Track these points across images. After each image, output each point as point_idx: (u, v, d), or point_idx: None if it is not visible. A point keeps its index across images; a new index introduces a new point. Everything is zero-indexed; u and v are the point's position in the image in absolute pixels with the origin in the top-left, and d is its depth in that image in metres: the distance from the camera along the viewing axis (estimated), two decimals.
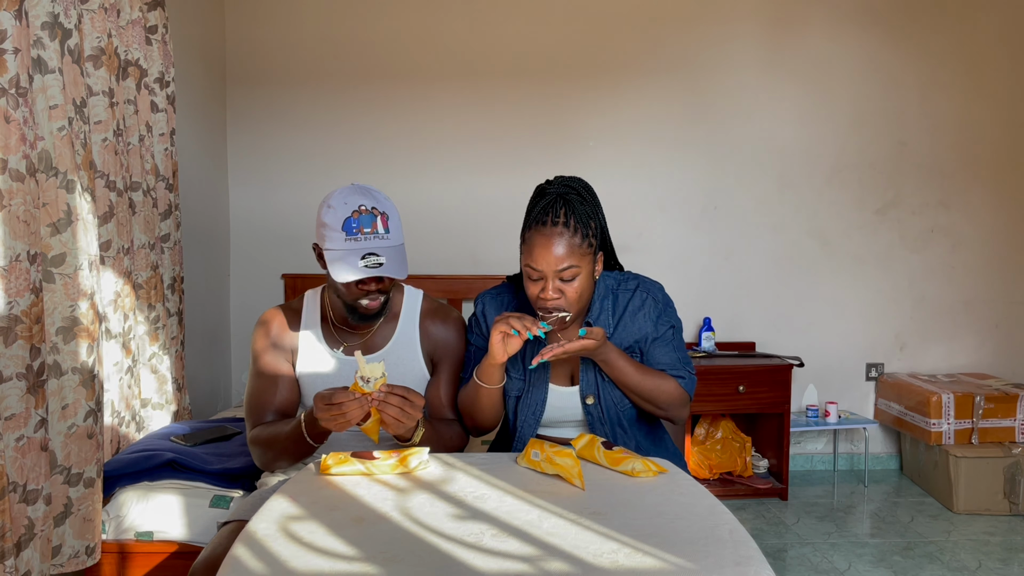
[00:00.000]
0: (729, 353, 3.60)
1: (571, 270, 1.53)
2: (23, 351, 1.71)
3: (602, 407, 1.68)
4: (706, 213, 3.77)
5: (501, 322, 1.50)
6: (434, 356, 1.79)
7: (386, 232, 1.59)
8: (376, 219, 1.59)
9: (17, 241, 1.68)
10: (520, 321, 1.48)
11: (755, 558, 1.06)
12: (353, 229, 1.57)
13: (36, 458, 1.76)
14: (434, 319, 1.79)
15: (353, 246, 1.57)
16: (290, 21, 3.63)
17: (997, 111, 3.79)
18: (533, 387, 1.70)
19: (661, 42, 3.70)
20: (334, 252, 1.58)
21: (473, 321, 1.80)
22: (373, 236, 1.57)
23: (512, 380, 1.71)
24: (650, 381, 1.63)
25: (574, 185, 1.61)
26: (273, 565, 1.05)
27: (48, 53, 1.80)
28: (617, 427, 1.70)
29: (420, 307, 1.80)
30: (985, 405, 3.31)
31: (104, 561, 2.03)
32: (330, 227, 1.59)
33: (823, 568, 2.71)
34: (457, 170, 3.70)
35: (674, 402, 1.66)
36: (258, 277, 3.68)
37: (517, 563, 1.05)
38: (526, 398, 1.70)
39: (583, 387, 1.68)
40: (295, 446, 1.61)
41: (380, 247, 1.57)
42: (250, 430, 1.73)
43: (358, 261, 1.55)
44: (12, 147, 1.67)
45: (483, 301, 1.79)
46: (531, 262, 1.54)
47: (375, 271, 1.54)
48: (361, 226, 1.57)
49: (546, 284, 1.54)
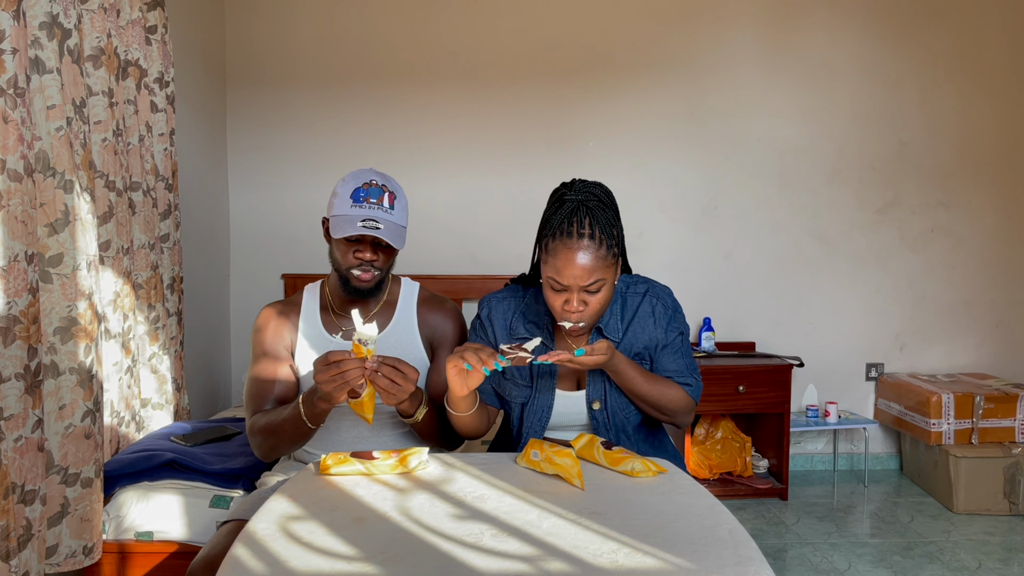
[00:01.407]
0: (729, 353, 3.60)
1: (597, 283, 1.49)
2: (21, 351, 1.71)
3: (608, 412, 1.67)
4: (706, 213, 3.77)
5: (455, 356, 1.45)
6: (433, 342, 1.82)
7: (390, 208, 1.65)
8: (383, 194, 1.66)
9: (15, 241, 1.68)
10: (476, 355, 1.42)
11: (755, 558, 1.06)
12: (360, 197, 1.64)
13: (34, 458, 1.76)
14: (431, 307, 1.83)
15: (356, 211, 1.63)
16: (290, 21, 3.63)
17: (997, 111, 3.79)
18: (539, 393, 1.68)
19: (661, 42, 3.70)
20: (338, 217, 1.64)
21: (476, 323, 1.77)
22: (377, 207, 1.64)
23: (519, 388, 1.69)
24: (657, 389, 1.62)
25: (595, 192, 1.55)
26: (273, 565, 1.05)
27: (46, 53, 1.80)
28: (621, 433, 1.70)
29: (417, 296, 1.84)
30: (985, 405, 3.31)
31: (104, 561, 2.03)
32: (340, 195, 1.66)
33: (823, 568, 2.71)
34: (457, 170, 3.70)
35: (680, 409, 1.66)
36: (258, 277, 3.68)
37: (517, 563, 1.05)
38: (532, 404, 1.69)
39: (589, 392, 1.67)
40: (294, 428, 1.60)
41: (381, 217, 1.63)
42: (249, 418, 1.74)
43: (358, 223, 1.61)
44: (10, 147, 1.67)
45: (488, 305, 1.75)
46: (556, 276, 1.49)
47: (371, 231, 1.60)
48: (368, 196, 1.64)
49: (571, 297, 1.50)
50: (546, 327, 1.68)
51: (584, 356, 1.47)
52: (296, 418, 1.58)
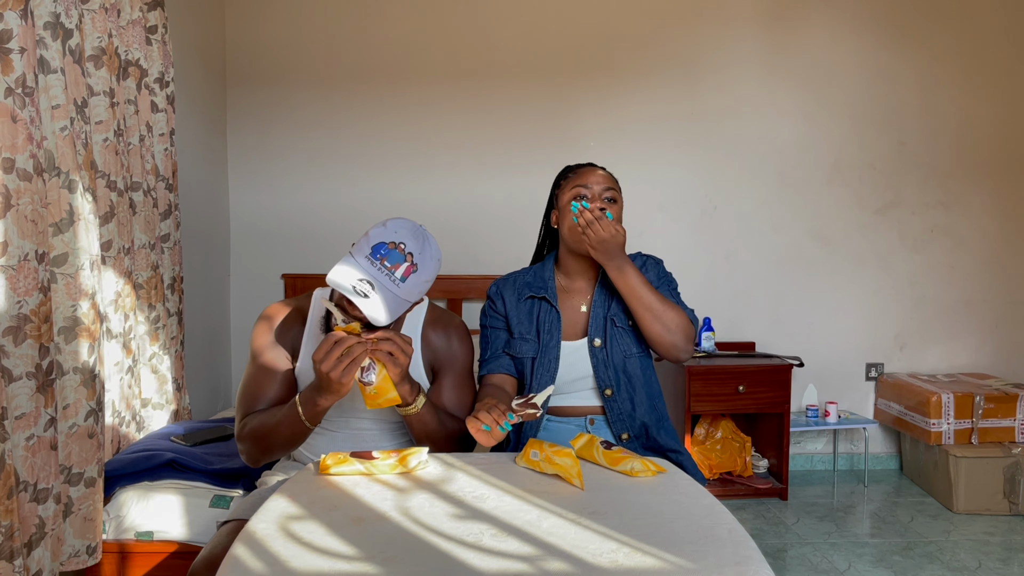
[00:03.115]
0: (729, 353, 3.61)
1: (612, 192, 1.78)
2: (32, 350, 1.70)
3: (608, 351, 1.76)
4: (706, 213, 3.78)
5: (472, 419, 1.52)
6: (435, 365, 1.78)
7: (402, 280, 1.49)
8: (404, 263, 1.51)
9: (25, 240, 1.68)
10: (489, 415, 1.50)
11: (754, 558, 1.06)
12: (378, 255, 1.50)
13: (46, 457, 1.76)
14: (435, 328, 1.78)
15: (364, 265, 1.49)
16: (290, 21, 3.64)
17: (997, 111, 3.79)
18: (547, 346, 1.79)
19: (661, 42, 3.70)
20: (350, 258, 1.52)
21: (488, 305, 1.90)
22: (387, 273, 1.49)
23: (527, 342, 1.81)
24: (659, 298, 1.72)
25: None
26: (273, 565, 1.05)
27: (51, 53, 1.80)
28: (621, 373, 1.77)
29: (424, 317, 1.78)
30: (985, 405, 3.31)
31: (104, 561, 2.04)
32: (367, 238, 1.54)
33: (823, 568, 2.71)
34: (457, 170, 3.70)
35: (681, 327, 1.72)
36: (258, 277, 3.68)
37: (517, 563, 1.05)
38: (541, 359, 1.79)
39: (591, 332, 1.77)
40: (290, 429, 1.55)
41: (383, 286, 1.48)
42: (239, 421, 1.67)
43: (355, 279, 1.48)
44: (19, 146, 1.66)
45: (496, 285, 1.90)
46: (581, 181, 1.78)
47: (354, 297, 1.45)
48: (385, 257, 1.50)
49: (595, 201, 1.74)
50: (550, 289, 1.82)
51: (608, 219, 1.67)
52: (293, 419, 1.54)
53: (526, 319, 1.83)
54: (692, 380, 3.29)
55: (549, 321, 1.80)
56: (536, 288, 1.84)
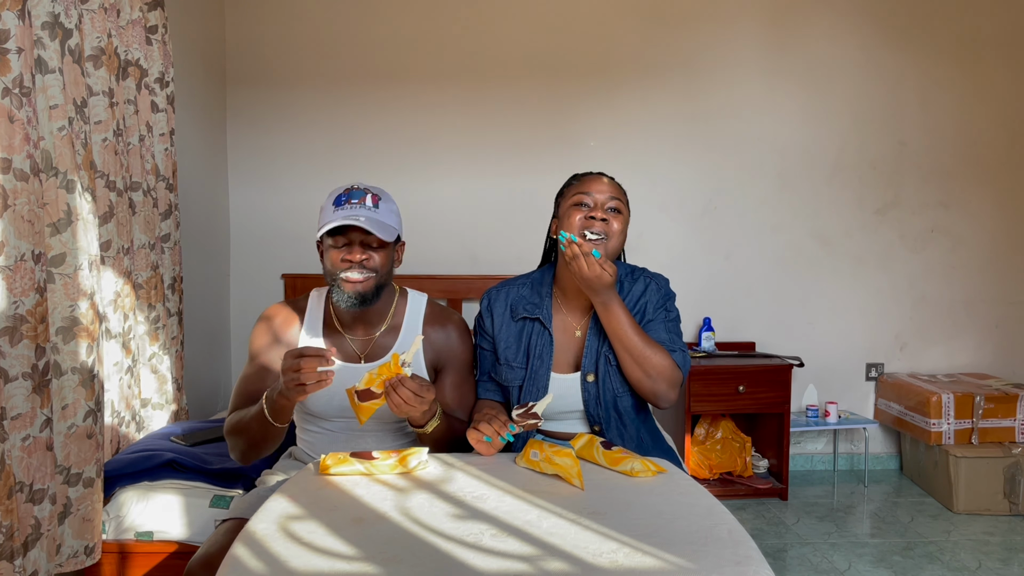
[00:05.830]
0: (729, 353, 3.60)
1: (616, 203, 1.70)
2: (28, 351, 1.70)
3: (599, 387, 1.70)
4: (706, 213, 3.78)
5: (472, 430, 1.56)
6: (437, 363, 1.78)
7: (374, 207, 1.64)
8: (366, 195, 1.65)
9: (22, 241, 1.68)
10: (489, 427, 1.54)
11: (754, 558, 1.06)
12: (342, 201, 1.64)
13: (42, 458, 1.76)
14: (435, 325, 1.78)
15: (339, 213, 1.62)
16: (290, 21, 3.64)
17: (997, 111, 3.79)
18: (536, 373, 1.73)
19: (661, 42, 3.70)
20: (323, 224, 1.62)
21: (477, 321, 1.84)
22: (360, 207, 1.62)
23: (514, 370, 1.75)
24: (643, 341, 1.65)
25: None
26: (272, 565, 1.05)
27: (48, 53, 1.80)
28: (612, 411, 1.72)
29: (423, 314, 1.78)
30: (985, 405, 3.31)
31: (104, 561, 2.04)
32: (325, 208, 1.66)
33: (823, 568, 2.71)
34: (457, 170, 3.70)
35: (664, 374, 1.65)
36: (258, 277, 3.68)
37: (517, 563, 1.05)
38: (528, 387, 1.73)
39: (585, 365, 1.71)
40: (259, 426, 1.55)
41: (363, 213, 1.61)
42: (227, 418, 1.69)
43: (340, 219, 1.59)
44: (16, 147, 1.66)
45: (488, 297, 1.84)
46: (583, 190, 1.70)
47: (352, 221, 1.57)
48: (350, 199, 1.64)
49: (595, 212, 1.68)
50: (545, 308, 1.75)
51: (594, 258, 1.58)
52: (260, 415, 1.53)
53: (514, 343, 1.76)
54: (692, 380, 3.29)
55: (540, 345, 1.73)
56: (530, 306, 1.77)
